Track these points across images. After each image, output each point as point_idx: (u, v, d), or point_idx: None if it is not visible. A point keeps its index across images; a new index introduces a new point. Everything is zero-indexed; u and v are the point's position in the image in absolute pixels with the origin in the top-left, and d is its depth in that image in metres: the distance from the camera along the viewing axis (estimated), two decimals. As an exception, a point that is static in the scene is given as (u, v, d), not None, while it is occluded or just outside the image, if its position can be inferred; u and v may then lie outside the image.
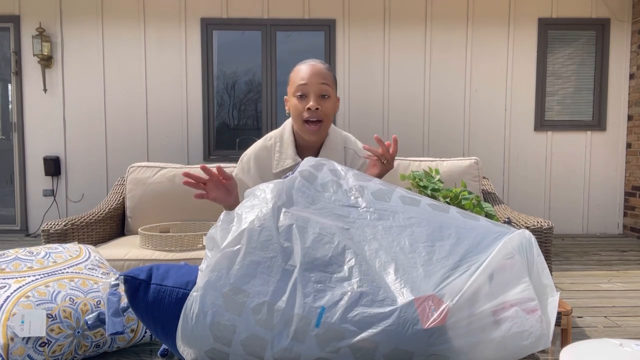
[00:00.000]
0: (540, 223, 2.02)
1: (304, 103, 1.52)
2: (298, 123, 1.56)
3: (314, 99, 1.51)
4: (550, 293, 0.79)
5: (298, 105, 1.53)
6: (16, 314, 0.90)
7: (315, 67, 1.54)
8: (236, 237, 0.79)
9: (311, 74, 1.52)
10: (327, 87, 1.53)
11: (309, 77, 1.52)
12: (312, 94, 1.52)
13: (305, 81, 1.52)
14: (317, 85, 1.51)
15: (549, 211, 5.28)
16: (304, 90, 1.52)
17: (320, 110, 1.52)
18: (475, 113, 5.23)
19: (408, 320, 0.70)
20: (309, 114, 1.52)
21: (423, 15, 5.14)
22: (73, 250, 1.14)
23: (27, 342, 0.89)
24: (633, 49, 5.13)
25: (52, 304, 0.94)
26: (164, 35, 5.09)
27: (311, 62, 1.57)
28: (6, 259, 1.03)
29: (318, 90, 1.52)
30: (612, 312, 2.80)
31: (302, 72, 1.54)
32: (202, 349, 0.75)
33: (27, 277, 0.98)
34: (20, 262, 1.02)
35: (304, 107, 1.52)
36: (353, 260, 0.77)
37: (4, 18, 5.03)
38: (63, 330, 0.92)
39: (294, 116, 1.56)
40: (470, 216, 0.88)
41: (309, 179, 0.90)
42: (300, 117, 1.54)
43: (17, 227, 5.18)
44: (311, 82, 1.51)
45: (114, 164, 5.15)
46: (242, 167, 1.70)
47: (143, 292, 0.84)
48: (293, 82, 1.56)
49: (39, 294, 0.95)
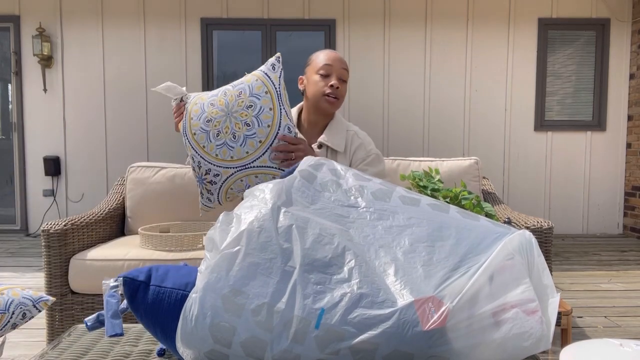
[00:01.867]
0: (540, 223, 2.02)
1: (326, 81, 1.72)
2: (317, 96, 1.73)
3: (336, 78, 1.72)
4: (551, 294, 0.79)
5: (320, 82, 1.72)
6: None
7: (337, 54, 1.77)
8: (235, 238, 0.79)
9: (335, 58, 1.74)
10: (346, 73, 1.76)
11: (334, 60, 1.73)
12: (335, 74, 1.72)
13: (330, 62, 1.72)
14: (340, 69, 1.73)
15: (549, 211, 5.28)
16: (328, 70, 1.72)
17: (340, 89, 1.73)
18: (475, 113, 5.22)
19: (408, 321, 0.70)
20: (331, 89, 1.71)
21: (423, 15, 5.14)
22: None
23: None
24: (633, 49, 5.13)
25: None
26: (164, 35, 5.08)
27: (330, 50, 1.79)
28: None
29: (340, 74, 1.73)
30: (612, 312, 2.80)
31: (328, 55, 1.75)
32: (202, 350, 0.75)
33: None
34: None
35: (327, 84, 1.71)
36: (353, 261, 0.76)
37: (4, 18, 5.03)
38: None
39: (314, 91, 1.74)
40: (470, 216, 0.87)
41: (308, 178, 0.90)
42: (321, 91, 1.72)
43: (17, 227, 5.18)
44: (335, 64, 1.73)
45: (114, 164, 5.15)
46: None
47: (142, 293, 0.84)
48: (317, 62, 1.75)
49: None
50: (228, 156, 1.46)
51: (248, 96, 1.45)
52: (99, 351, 1.01)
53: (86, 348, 1.03)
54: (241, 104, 1.44)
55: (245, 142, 1.44)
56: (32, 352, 2.23)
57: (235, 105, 1.44)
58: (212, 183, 1.50)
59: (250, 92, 1.46)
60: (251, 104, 1.44)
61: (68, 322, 2.04)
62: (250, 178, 1.49)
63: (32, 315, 1.44)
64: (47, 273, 2.02)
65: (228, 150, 1.45)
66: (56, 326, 2.04)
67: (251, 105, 1.44)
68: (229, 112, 1.44)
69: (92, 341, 1.07)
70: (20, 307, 1.40)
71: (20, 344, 2.33)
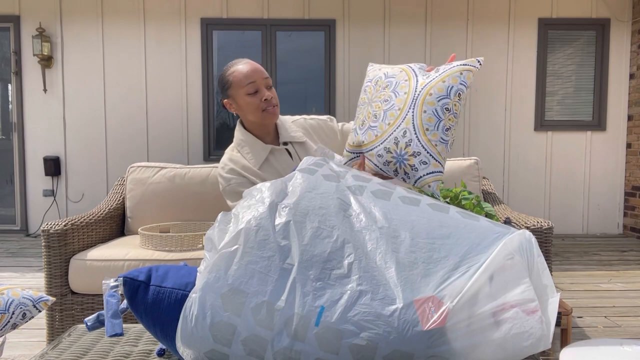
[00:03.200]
0: (540, 223, 2.02)
1: (258, 96, 1.69)
2: (257, 115, 1.71)
3: (265, 90, 1.70)
4: (551, 294, 0.79)
5: (253, 101, 1.69)
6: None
7: (253, 65, 1.71)
8: (233, 237, 0.79)
9: (254, 71, 1.70)
10: (269, 80, 1.74)
11: (253, 74, 1.69)
12: (262, 86, 1.70)
13: (253, 79, 1.69)
14: (262, 79, 1.70)
15: (549, 211, 5.27)
16: (255, 87, 1.69)
17: (273, 98, 1.72)
18: (475, 113, 5.22)
19: (408, 321, 0.70)
20: (266, 103, 1.69)
21: (423, 15, 5.14)
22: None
23: None
24: (633, 49, 5.13)
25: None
26: (164, 35, 5.09)
27: (244, 61, 1.73)
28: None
29: (265, 83, 1.70)
30: (612, 312, 2.80)
31: (245, 72, 1.69)
32: (202, 350, 0.75)
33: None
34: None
35: (260, 100, 1.69)
36: (352, 255, 0.76)
37: (4, 18, 5.03)
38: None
39: (252, 110, 1.71)
40: (470, 216, 0.87)
41: (309, 172, 0.90)
42: (258, 109, 1.70)
43: (17, 227, 5.18)
44: (256, 77, 1.69)
45: (114, 164, 5.15)
46: (229, 172, 1.74)
47: (142, 293, 0.84)
48: (240, 84, 1.69)
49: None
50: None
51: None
52: (99, 351, 1.01)
53: (86, 348, 1.03)
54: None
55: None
56: (32, 352, 2.23)
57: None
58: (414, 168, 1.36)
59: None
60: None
61: (68, 322, 2.04)
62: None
63: (32, 316, 1.44)
64: (47, 273, 2.02)
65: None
66: (56, 326, 2.04)
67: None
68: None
69: (92, 341, 1.07)
70: (20, 307, 1.40)
71: (20, 344, 2.33)
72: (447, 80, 1.35)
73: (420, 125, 1.32)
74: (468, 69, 1.36)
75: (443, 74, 1.37)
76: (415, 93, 1.35)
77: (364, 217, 0.82)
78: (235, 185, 1.71)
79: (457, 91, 1.34)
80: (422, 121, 1.32)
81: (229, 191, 1.73)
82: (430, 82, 1.35)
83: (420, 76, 1.39)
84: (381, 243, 0.78)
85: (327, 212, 0.81)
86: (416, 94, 1.35)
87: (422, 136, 1.31)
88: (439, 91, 1.34)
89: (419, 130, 1.32)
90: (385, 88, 1.40)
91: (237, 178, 1.72)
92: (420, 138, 1.31)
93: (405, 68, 1.44)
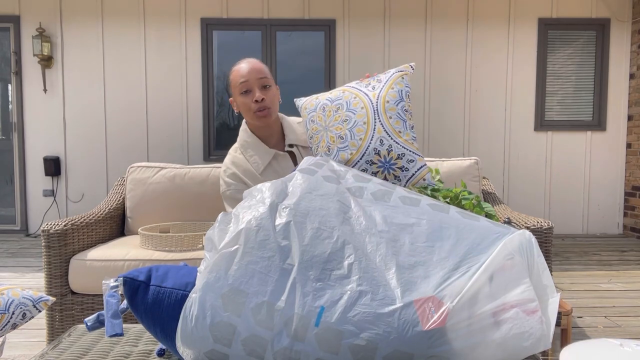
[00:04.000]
0: (540, 223, 2.02)
1: (249, 97, 1.67)
2: (250, 116, 1.70)
3: (257, 91, 1.67)
4: (551, 294, 0.79)
5: (245, 101, 1.68)
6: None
7: (250, 64, 1.69)
8: (233, 237, 0.79)
9: (249, 70, 1.67)
10: (266, 79, 1.69)
11: (247, 73, 1.67)
12: (255, 87, 1.67)
13: (245, 78, 1.66)
14: (257, 79, 1.67)
15: (549, 211, 5.28)
16: (246, 86, 1.66)
17: (266, 100, 1.67)
18: (475, 113, 5.22)
19: (408, 321, 0.70)
20: (257, 105, 1.66)
21: (423, 15, 5.14)
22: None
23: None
24: (633, 49, 5.13)
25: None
26: (164, 35, 5.09)
27: (245, 60, 1.71)
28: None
29: (259, 83, 1.67)
30: (612, 312, 2.80)
31: (241, 71, 1.68)
32: (202, 350, 0.75)
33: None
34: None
35: (251, 101, 1.66)
36: (352, 256, 0.76)
37: (4, 18, 5.03)
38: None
39: (245, 111, 1.70)
40: (470, 216, 0.87)
41: (309, 173, 0.90)
42: (250, 110, 1.68)
43: (17, 227, 5.18)
44: (250, 77, 1.66)
45: (114, 164, 5.15)
46: (230, 177, 1.73)
47: (142, 293, 0.84)
48: (234, 82, 1.70)
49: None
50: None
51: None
52: (99, 351, 1.01)
53: (86, 348, 1.03)
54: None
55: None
56: (32, 352, 2.23)
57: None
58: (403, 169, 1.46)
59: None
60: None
61: (68, 322, 2.04)
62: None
63: (32, 316, 1.44)
64: (47, 273, 2.02)
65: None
66: (56, 326, 2.04)
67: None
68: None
69: (92, 341, 1.07)
70: (20, 307, 1.40)
71: (20, 344, 2.33)
72: (395, 87, 1.47)
73: (392, 130, 1.41)
74: (405, 73, 1.50)
75: (388, 82, 1.48)
76: (373, 105, 1.44)
77: (364, 220, 0.82)
78: (234, 191, 1.71)
79: (406, 93, 1.46)
80: (392, 126, 1.41)
81: (228, 196, 1.73)
82: (381, 92, 1.46)
83: (365, 89, 1.49)
84: (381, 245, 0.78)
85: (327, 214, 0.81)
86: (374, 105, 1.44)
87: (398, 139, 1.40)
88: (393, 97, 1.44)
89: (393, 134, 1.40)
90: (337, 110, 1.47)
91: (236, 184, 1.71)
92: (397, 141, 1.39)
93: (345, 89, 1.53)
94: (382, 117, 1.42)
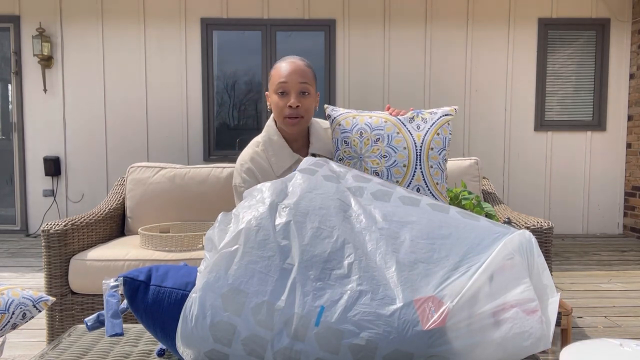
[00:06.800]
0: (540, 223, 2.02)
1: (285, 100, 1.57)
2: (279, 118, 1.61)
3: (294, 96, 1.56)
4: (551, 294, 0.79)
5: (279, 102, 1.58)
6: None
7: (295, 65, 1.58)
8: (233, 237, 0.79)
9: (291, 72, 1.56)
10: (307, 85, 1.57)
11: (289, 75, 1.56)
12: (293, 91, 1.56)
13: (285, 79, 1.56)
14: (297, 83, 1.55)
15: (549, 211, 5.27)
16: (284, 88, 1.56)
17: (300, 107, 1.56)
18: (475, 113, 5.22)
19: (408, 321, 0.70)
20: (290, 111, 1.56)
21: (423, 15, 5.14)
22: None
23: None
24: (633, 49, 5.13)
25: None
26: (164, 35, 5.08)
27: (291, 59, 1.60)
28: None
29: (298, 89, 1.56)
30: (612, 312, 2.80)
31: (283, 69, 1.57)
32: (202, 350, 0.75)
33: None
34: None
35: (285, 104, 1.56)
36: (352, 255, 0.76)
37: (4, 18, 5.03)
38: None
39: (277, 112, 1.61)
40: (470, 216, 0.87)
41: (309, 172, 0.90)
42: (281, 113, 1.58)
43: (17, 227, 5.18)
44: (291, 80, 1.55)
45: (114, 164, 5.15)
46: (247, 173, 1.67)
47: (142, 293, 0.84)
48: (274, 79, 1.60)
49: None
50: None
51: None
52: (99, 351, 1.01)
53: (86, 348, 1.03)
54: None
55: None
56: (32, 352, 2.23)
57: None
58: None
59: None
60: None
61: (68, 322, 2.04)
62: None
63: (32, 316, 1.44)
64: (47, 273, 2.02)
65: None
66: (56, 326, 2.04)
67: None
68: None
69: (92, 341, 1.07)
70: (20, 307, 1.40)
71: (20, 344, 2.33)
72: (441, 133, 1.46)
73: (431, 180, 1.41)
74: (451, 118, 1.49)
75: (434, 125, 1.47)
76: (417, 148, 1.42)
77: (364, 219, 0.82)
78: (246, 189, 1.66)
79: (449, 141, 1.46)
80: (431, 176, 1.41)
81: (240, 192, 1.66)
82: (427, 137, 1.44)
83: (410, 126, 1.47)
84: (381, 244, 0.78)
85: (327, 213, 0.81)
86: (418, 150, 1.42)
87: (435, 191, 1.41)
88: (437, 144, 1.43)
89: (431, 185, 1.41)
90: (376, 142, 1.44)
91: (250, 182, 1.64)
92: (434, 193, 1.41)
93: (387, 118, 1.48)
94: (424, 165, 1.40)
